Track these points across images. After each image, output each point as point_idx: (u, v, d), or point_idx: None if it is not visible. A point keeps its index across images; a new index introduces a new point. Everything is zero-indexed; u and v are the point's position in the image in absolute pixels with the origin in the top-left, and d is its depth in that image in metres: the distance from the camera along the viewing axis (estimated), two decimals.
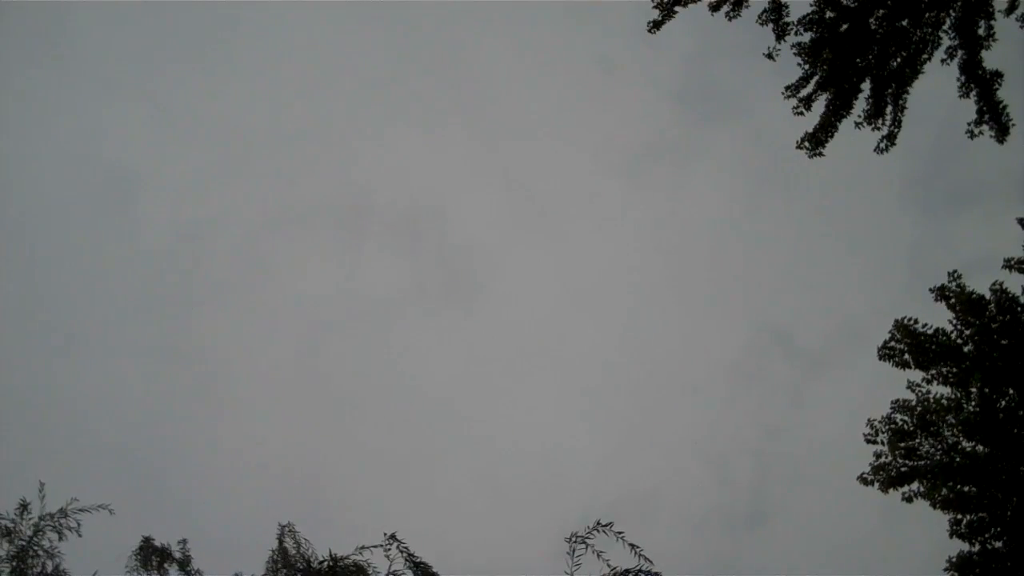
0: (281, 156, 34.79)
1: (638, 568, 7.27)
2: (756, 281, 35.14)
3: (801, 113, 9.55)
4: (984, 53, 9.19)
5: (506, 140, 36.20)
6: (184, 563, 11.26)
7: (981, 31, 9.10)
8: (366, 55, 34.50)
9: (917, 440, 12.02)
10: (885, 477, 12.06)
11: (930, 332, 11.83)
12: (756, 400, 31.26)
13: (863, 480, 12.29)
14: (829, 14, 9.26)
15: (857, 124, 9.66)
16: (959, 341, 11.81)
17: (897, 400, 12.27)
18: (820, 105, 9.50)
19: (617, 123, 35.70)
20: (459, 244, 36.27)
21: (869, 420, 12.39)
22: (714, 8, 9.60)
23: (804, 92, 9.49)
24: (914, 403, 12.12)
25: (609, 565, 7.29)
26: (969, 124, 9.49)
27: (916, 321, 12.00)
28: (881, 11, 9.15)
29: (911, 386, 12.25)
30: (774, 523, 28.29)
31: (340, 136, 35.83)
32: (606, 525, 7.30)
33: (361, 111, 35.59)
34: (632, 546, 7.25)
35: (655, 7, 9.50)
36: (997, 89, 9.28)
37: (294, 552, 10.36)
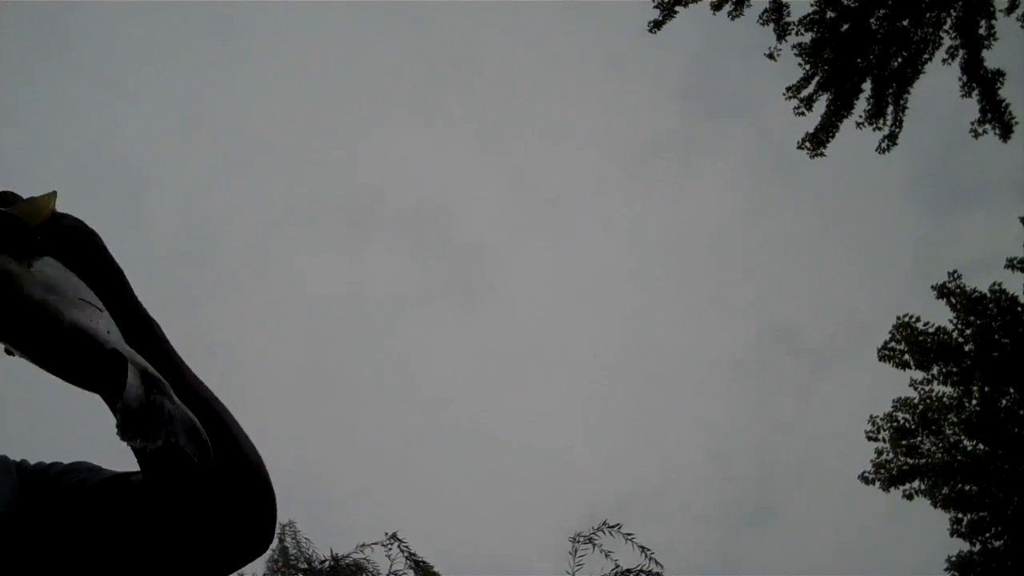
0: (288, 155, 34.86)
1: (639, 568, 7.27)
2: (761, 279, 35.14)
3: (802, 113, 9.54)
4: (985, 52, 9.19)
5: (511, 139, 36.25)
6: None
7: (982, 30, 9.10)
8: (371, 54, 34.54)
9: (919, 438, 12.06)
10: (886, 475, 12.11)
11: (931, 331, 11.87)
12: (762, 397, 31.28)
13: (864, 479, 12.33)
14: (830, 14, 9.26)
15: (858, 124, 9.66)
16: (960, 340, 11.85)
17: (899, 398, 12.32)
18: (821, 105, 9.51)
19: (622, 121, 35.70)
20: (465, 243, 36.32)
21: (871, 417, 12.44)
22: (716, 7, 9.59)
23: (805, 92, 9.47)
24: (916, 401, 12.17)
25: (617, 564, 7.27)
26: (972, 123, 9.51)
27: (917, 320, 12.04)
28: (882, 11, 9.14)
29: (913, 384, 12.29)
30: (779, 520, 28.33)
31: (347, 135, 35.89)
32: (614, 526, 7.27)
33: (367, 110, 35.65)
34: (643, 548, 7.19)
35: (656, 6, 9.49)
36: (999, 88, 9.28)
37: (295, 552, 10.36)
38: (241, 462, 0.93)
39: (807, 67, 9.56)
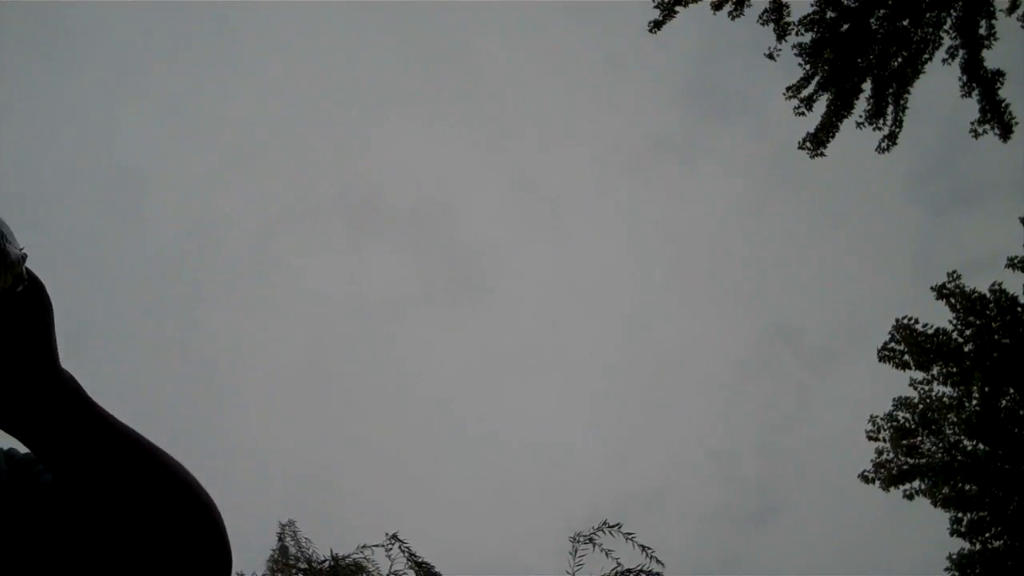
0: (289, 154, 34.87)
1: (639, 568, 7.26)
2: (763, 278, 35.17)
3: (802, 113, 9.54)
4: (985, 52, 9.19)
5: (513, 138, 36.24)
6: None
7: (982, 31, 9.10)
8: (372, 53, 34.54)
9: (919, 438, 12.06)
10: (886, 475, 12.11)
11: (930, 332, 11.87)
12: (762, 397, 31.30)
13: (864, 478, 12.33)
14: (830, 14, 9.26)
15: (858, 124, 9.66)
16: (959, 340, 11.85)
17: (899, 397, 12.32)
18: (821, 105, 9.52)
19: (623, 121, 35.69)
20: (466, 242, 36.33)
21: (871, 416, 12.44)
22: (716, 7, 9.59)
23: (805, 92, 9.49)
24: (916, 401, 12.17)
25: (619, 563, 7.26)
26: (972, 123, 9.51)
27: (916, 321, 12.04)
28: (882, 11, 9.15)
29: (913, 384, 12.29)
30: (779, 519, 28.35)
31: (348, 134, 35.89)
32: (614, 526, 7.26)
33: (368, 109, 35.65)
34: (644, 548, 7.17)
35: (656, 7, 9.50)
36: (999, 88, 9.28)
37: (295, 551, 10.34)
38: (176, 503, 0.92)
39: (807, 67, 9.57)
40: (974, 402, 11.64)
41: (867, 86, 9.58)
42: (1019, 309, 11.54)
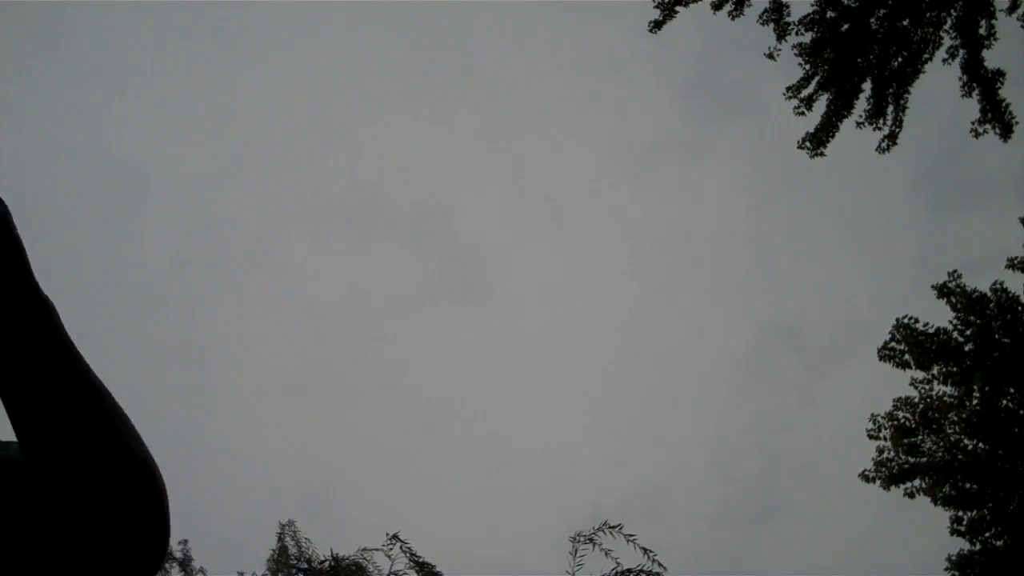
0: (290, 154, 34.88)
1: (640, 568, 7.26)
2: (764, 278, 35.19)
3: (802, 113, 9.53)
4: (985, 52, 9.19)
5: (514, 138, 36.26)
6: (185, 563, 11.35)
7: (982, 30, 9.09)
8: (374, 53, 34.56)
9: (919, 437, 12.05)
10: (887, 474, 12.10)
11: (930, 331, 11.86)
12: (764, 397, 31.33)
13: (865, 477, 12.31)
14: (830, 14, 9.25)
15: (858, 124, 9.65)
16: (960, 340, 11.83)
17: (900, 397, 12.30)
18: (821, 105, 9.51)
19: (625, 121, 35.72)
20: (467, 242, 36.34)
21: (872, 415, 12.43)
22: (716, 7, 9.58)
23: (805, 92, 9.48)
24: (916, 400, 12.15)
25: (618, 562, 7.25)
26: (973, 123, 9.50)
27: (916, 320, 12.03)
28: (882, 11, 9.14)
29: (914, 383, 12.27)
30: (781, 519, 28.35)
31: (349, 134, 35.91)
32: (615, 527, 7.25)
33: (370, 109, 35.66)
34: (645, 550, 7.17)
35: (656, 7, 9.48)
36: (999, 88, 9.27)
37: (295, 551, 10.36)
38: (126, 459, 0.89)
39: (807, 67, 9.56)
40: (974, 401, 11.63)
41: (867, 86, 9.57)
42: (1019, 308, 11.52)
